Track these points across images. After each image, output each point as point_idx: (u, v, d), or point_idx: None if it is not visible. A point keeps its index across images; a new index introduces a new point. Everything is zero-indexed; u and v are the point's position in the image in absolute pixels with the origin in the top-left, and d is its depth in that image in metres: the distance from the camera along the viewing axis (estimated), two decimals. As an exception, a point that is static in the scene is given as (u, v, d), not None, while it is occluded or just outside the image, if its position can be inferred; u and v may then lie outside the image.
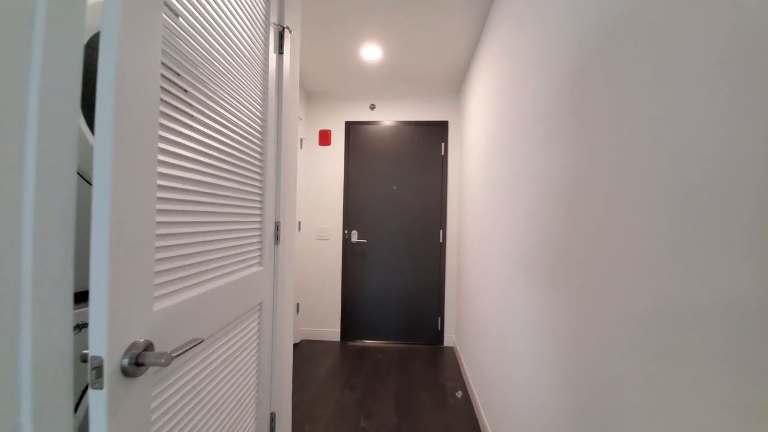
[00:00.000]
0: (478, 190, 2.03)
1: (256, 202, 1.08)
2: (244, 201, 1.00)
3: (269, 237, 1.17)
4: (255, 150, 1.05)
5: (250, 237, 1.05)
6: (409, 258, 2.89)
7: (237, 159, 0.94)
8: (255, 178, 1.05)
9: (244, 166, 0.98)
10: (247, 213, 1.03)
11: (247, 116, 1.00)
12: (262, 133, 1.10)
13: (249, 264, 1.05)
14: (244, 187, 0.99)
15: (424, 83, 2.71)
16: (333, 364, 2.48)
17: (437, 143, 2.88)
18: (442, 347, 2.85)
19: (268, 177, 1.14)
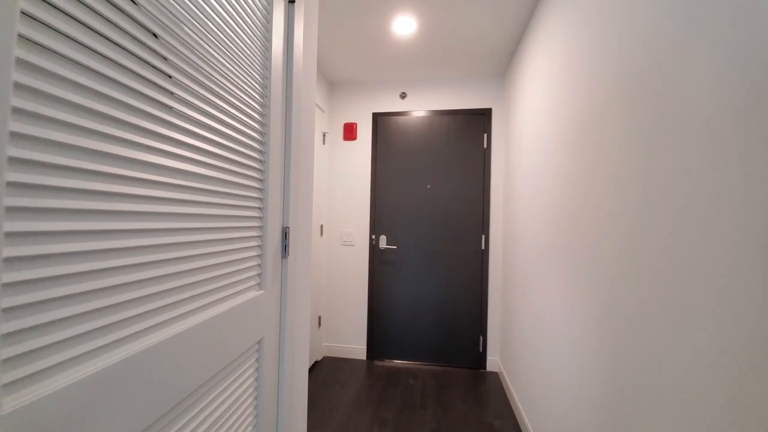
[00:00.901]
0: (531, 190, 1.63)
1: (253, 203, 0.77)
2: (232, 199, 0.69)
3: (273, 249, 0.85)
4: (251, 135, 0.74)
5: (244, 250, 0.74)
6: (445, 267, 2.51)
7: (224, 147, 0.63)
8: (251, 174, 0.74)
9: (232, 158, 0.67)
10: (239, 216, 0.72)
11: (236, 94, 0.69)
12: (263, 115, 0.80)
13: (241, 288, 0.74)
14: (233, 179, 0.68)
15: (463, 65, 2.34)
16: (358, 389, 2.15)
17: (478, 135, 2.49)
18: (485, 372, 2.44)
19: (272, 171, 0.83)
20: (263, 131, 0.81)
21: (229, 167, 0.68)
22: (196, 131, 0.58)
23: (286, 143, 0.91)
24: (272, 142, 0.83)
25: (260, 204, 0.80)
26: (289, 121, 0.91)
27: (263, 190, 0.81)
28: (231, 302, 0.71)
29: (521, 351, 1.83)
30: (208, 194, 0.62)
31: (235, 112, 0.69)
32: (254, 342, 0.79)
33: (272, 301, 0.86)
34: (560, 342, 1.24)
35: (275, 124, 0.84)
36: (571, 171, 1.21)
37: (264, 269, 0.81)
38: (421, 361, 2.55)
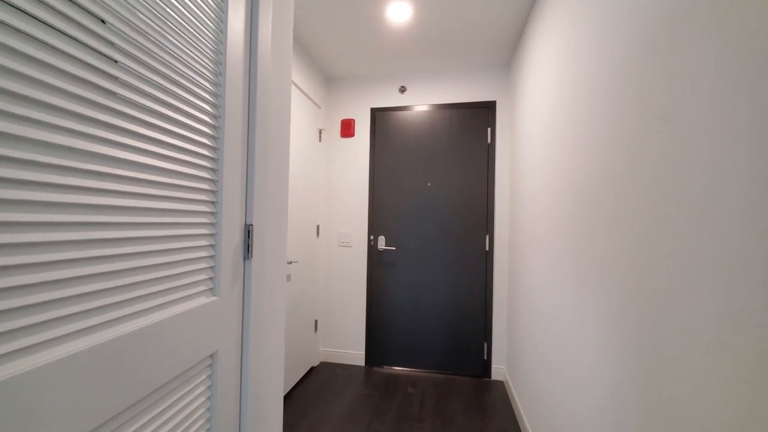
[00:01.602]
0: (539, 187, 1.49)
1: (200, 196, 0.66)
2: (172, 190, 0.59)
3: (232, 249, 0.75)
4: (199, 118, 0.64)
5: (189, 250, 0.64)
6: (447, 269, 2.38)
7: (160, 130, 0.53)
8: (198, 163, 0.64)
9: (171, 142, 0.56)
10: (182, 211, 0.62)
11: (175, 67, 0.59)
12: (215, 95, 0.69)
13: (185, 295, 0.63)
14: (172, 167, 0.58)
15: (465, 55, 2.21)
16: (353, 398, 2.04)
17: (482, 129, 2.35)
18: (489, 381, 2.30)
19: (229, 161, 0.73)
20: (217, 114, 0.70)
21: (167, 153, 0.57)
22: (122, 110, 0.47)
23: (250, 129, 0.80)
24: (229, 128, 0.72)
25: (213, 198, 0.70)
26: (254, 102, 0.80)
27: (217, 182, 0.70)
28: (170, 310, 0.60)
29: (529, 361, 1.69)
30: (136, 183, 0.52)
31: (175, 89, 0.58)
32: (204, 356, 0.68)
33: (230, 310, 0.75)
34: (576, 359, 1.10)
35: (233, 106, 0.74)
36: (582, 166, 1.07)
37: (218, 273, 0.71)
38: (422, 369, 2.42)
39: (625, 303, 0.77)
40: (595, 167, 0.96)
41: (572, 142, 1.14)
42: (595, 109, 0.97)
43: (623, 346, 0.78)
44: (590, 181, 0.99)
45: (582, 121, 1.06)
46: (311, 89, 2.32)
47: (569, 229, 1.15)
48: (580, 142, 1.07)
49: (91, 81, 0.45)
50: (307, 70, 2.26)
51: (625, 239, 0.78)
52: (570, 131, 1.16)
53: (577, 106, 1.10)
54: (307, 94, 2.25)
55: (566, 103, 1.21)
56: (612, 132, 0.86)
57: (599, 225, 0.92)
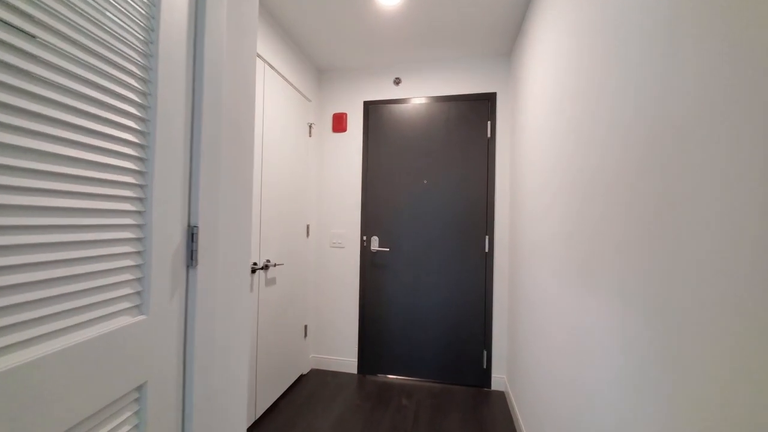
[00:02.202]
0: (542, 184, 1.35)
1: (122, 191, 0.53)
2: (80, 184, 0.46)
3: (168, 256, 0.62)
4: (121, 95, 0.50)
5: (106, 259, 0.51)
6: (444, 272, 2.24)
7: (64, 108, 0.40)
8: (120, 150, 0.50)
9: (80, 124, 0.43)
10: (94, 210, 0.49)
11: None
12: (145, 55, 0.56)
13: (99, 315, 0.50)
14: (80, 154, 0.45)
15: (463, 43, 2.06)
16: (343, 410, 1.91)
17: (481, 123, 2.21)
18: (489, 391, 2.16)
19: (163, 142, 0.60)
20: (146, 91, 0.57)
21: (67, 135, 0.44)
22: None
23: (195, 111, 0.67)
24: (163, 108, 0.59)
25: (139, 193, 0.56)
26: (200, 76, 0.67)
27: (145, 173, 0.57)
28: (78, 335, 0.47)
29: (533, 372, 1.55)
30: (28, 174, 0.39)
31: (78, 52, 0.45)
32: (129, 389, 0.55)
33: (165, 330, 0.62)
34: (589, 372, 0.96)
35: (169, 79, 0.60)
36: (591, 160, 0.93)
37: (148, 286, 0.58)
38: (418, 377, 2.29)
39: (647, 310, 0.63)
40: (607, 161, 0.82)
41: (580, 135, 1.00)
42: (606, 96, 0.83)
43: (647, 359, 0.64)
44: (602, 176, 0.85)
45: (591, 110, 0.92)
46: (300, 81, 2.18)
47: (577, 229, 1.01)
48: (589, 134, 0.93)
49: None
50: (296, 61, 2.13)
51: (647, 240, 0.64)
52: (577, 122, 1.02)
53: (586, 95, 0.96)
54: (296, 86, 2.12)
55: (572, 92, 1.06)
56: (628, 121, 0.72)
57: (612, 224, 0.78)
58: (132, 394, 0.56)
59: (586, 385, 0.91)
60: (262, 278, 1.81)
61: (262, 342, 1.81)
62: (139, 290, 0.57)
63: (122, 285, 0.54)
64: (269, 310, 1.88)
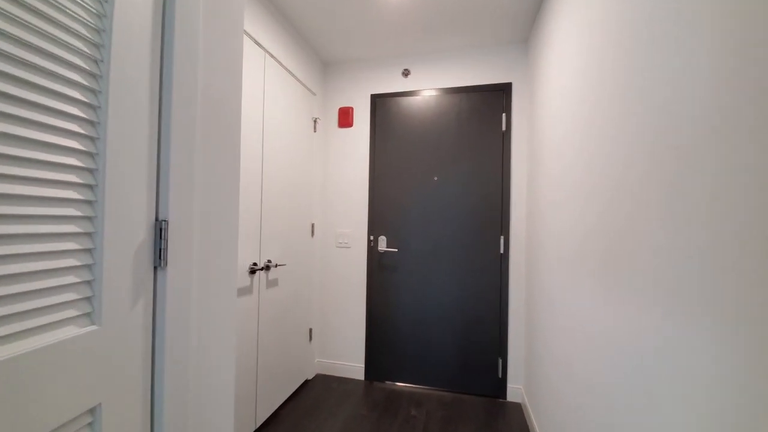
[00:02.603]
0: (564, 180, 1.22)
1: (64, 174, 0.44)
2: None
3: (129, 254, 0.52)
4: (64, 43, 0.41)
5: (41, 256, 0.41)
6: (456, 275, 2.11)
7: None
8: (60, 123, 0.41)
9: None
10: (25, 196, 0.39)
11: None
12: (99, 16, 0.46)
13: (33, 326, 0.41)
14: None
15: (475, 30, 1.94)
16: (347, 419, 1.80)
17: (495, 115, 2.07)
18: (504, 402, 2.02)
19: (118, 114, 0.50)
20: (98, 57, 0.47)
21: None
22: None
23: (164, 80, 0.57)
24: (120, 77, 0.49)
25: (88, 179, 0.47)
26: (170, 44, 0.57)
27: (96, 155, 0.48)
28: (7, 349, 0.38)
29: (555, 386, 1.41)
30: None
31: None
32: (76, 414, 0.45)
33: (125, 342, 0.52)
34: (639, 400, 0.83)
35: (129, 41, 0.51)
36: (619, 153, 0.80)
37: (100, 290, 0.48)
38: (428, 386, 2.16)
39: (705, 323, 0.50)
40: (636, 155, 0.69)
41: (607, 127, 0.86)
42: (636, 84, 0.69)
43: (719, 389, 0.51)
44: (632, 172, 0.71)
45: (620, 99, 0.78)
46: (304, 74, 2.09)
47: (605, 228, 0.88)
48: (618, 126, 0.79)
49: None
50: (300, 52, 2.04)
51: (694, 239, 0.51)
52: (602, 113, 0.89)
53: (613, 82, 0.82)
54: (300, 79, 2.03)
55: (597, 80, 0.93)
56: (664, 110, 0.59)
57: (649, 223, 0.65)
58: (83, 417, 0.47)
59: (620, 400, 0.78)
60: (263, 279, 1.72)
61: (263, 346, 1.72)
62: (89, 295, 0.47)
63: (64, 289, 0.45)
64: (271, 313, 1.79)
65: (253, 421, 1.65)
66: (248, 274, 1.60)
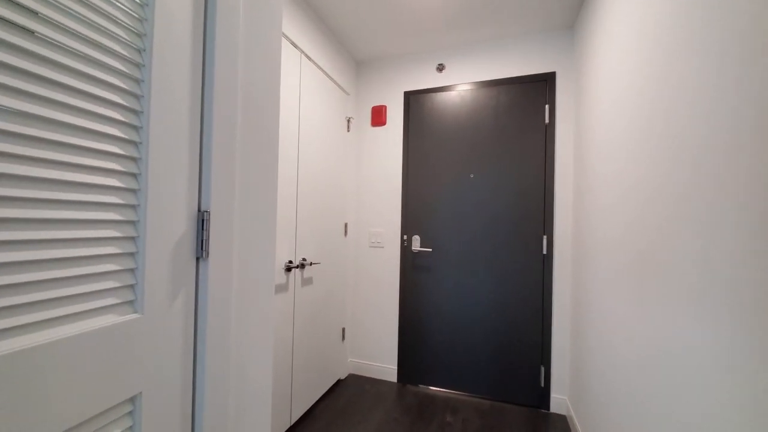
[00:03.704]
0: (618, 177, 1.09)
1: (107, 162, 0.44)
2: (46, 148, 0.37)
3: (170, 243, 0.52)
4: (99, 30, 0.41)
5: (82, 243, 0.42)
6: (494, 277, 2.01)
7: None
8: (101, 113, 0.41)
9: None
10: (70, 182, 0.40)
11: None
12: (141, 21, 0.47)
13: (78, 310, 0.41)
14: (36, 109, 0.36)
15: (514, 18, 1.83)
16: (380, 422, 1.76)
17: (537, 107, 1.95)
18: (548, 414, 1.88)
19: (157, 102, 0.50)
20: (141, 47, 0.48)
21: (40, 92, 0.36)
22: None
23: (206, 73, 0.57)
24: (162, 68, 0.50)
25: (132, 167, 0.47)
26: (211, 33, 0.57)
27: (139, 144, 0.48)
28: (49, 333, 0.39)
29: (605, 398, 1.28)
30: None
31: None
32: (117, 402, 0.45)
33: (166, 332, 0.52)
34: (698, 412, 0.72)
35: (172, 38, 0.51)
36: (687, 156, 0.69)
37: (141, 279, 0.48)
38: (464, 392, 2.07)
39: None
40: (706, 156, 0.58)
41: (670, 123, 0.75)
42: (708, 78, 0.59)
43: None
44: (701, 173, 0.61)
45: (689, 94, 0.68)
46: (339, 74, 2.10)
47: (665, 236, 0.77)
48: (686, 122, 0.69)
49: None
50: (334, 52, 2.05)
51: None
52: (665, 109, 0.78)
53: (679, 75, 0.71)
54: (334, 79, 2.04)
55: (661, 71, 0.82)
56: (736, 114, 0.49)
57: (721, 231, 0.55)
58: (122, 407, 0.47)
59: (681, 421, 0.67)
60: (299, 277, 1.74)
61: (298, 342, 1.74)
62: (131, 283, 0.48)
63: (107, 276, 0.45)
64: (306, 310, 1.80)
65: (288, 417, 1.66)
66: (284, 272, 1.62)
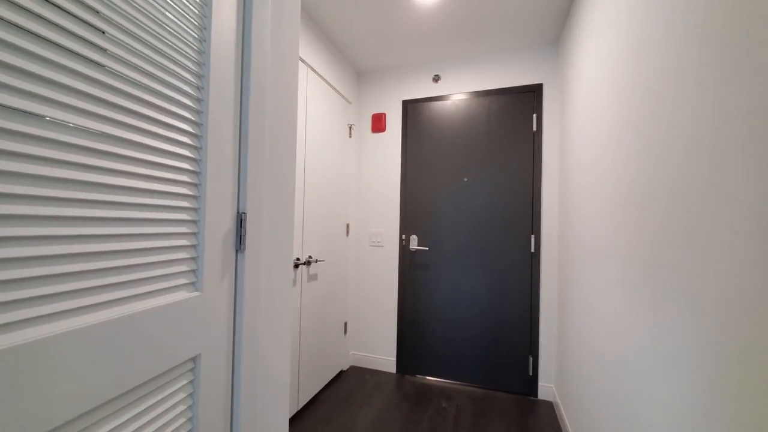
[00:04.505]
0: (598, 179, 1.25)
1: (180, 176, 0.58)
2: (141, 166, 0.51)
3: (219, 239, 0.66)
4: (178, 87, 0.55)
5: (162, 237, 0.56)
6: (486, 273, 2.15)
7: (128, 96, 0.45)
8: (176, 138, 0.56)
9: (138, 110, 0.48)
10: (157, 191, 0.54)
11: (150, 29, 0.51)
12: (199, 64, 0.61)
13: (161, 287, 0.55)
14: (137, 138, 0.50)
15: (504, 35, 1.99)
16: (381, 407, 1.90)
17: (526, 116, 2.10)
18: (536, 401, 2.03)
19: (212, 131, 0.64)
20: (200, 85, 0.62)
21: (129, 120, 0.50)
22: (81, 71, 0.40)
23: (243, 104, 0.71)
24: (215, 100, 0.64)
25: (195, 179, 0.61)
26: (247, 74, 0.71)
27: (199, 161, 0.62)
28: (144, 303, 0.53)
29: (585, 383, 1.43)
30: (107, 157, 0.44)
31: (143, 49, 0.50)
32: (185, 359, 0.60)
33: (217, 308, 0.66)
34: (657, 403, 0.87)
35: (221, 80, 0.65)
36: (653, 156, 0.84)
37: (201, 265, 0.62)
38: (459, 381, 2.22)
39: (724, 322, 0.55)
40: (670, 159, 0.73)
41: (640, 127, 0.91)
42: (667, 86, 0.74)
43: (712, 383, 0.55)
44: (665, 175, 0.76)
45: (652, 99, 0.83)
46: (341, 84, 2.25)
47: (640, 232, 0.92)
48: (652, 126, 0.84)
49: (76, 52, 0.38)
50: (337, 64, 2.20)
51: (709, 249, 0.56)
52: (637, 113, 0.93)
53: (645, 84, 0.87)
54: (337, 89, 2.19)
55: (630, 80, 0.97)
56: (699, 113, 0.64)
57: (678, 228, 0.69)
58: (187, 364, 0.61)
59: (639, 411, 0.82)
60: (305, 273, 1.88)
61: (305, 336, 1.87)
62: (194, 268, 0.62)
63: (179, 262, 0.59)
64: (311, 305, 1.94)
65: (296, 403, 1.80)
66: (293, 268, 1.76)
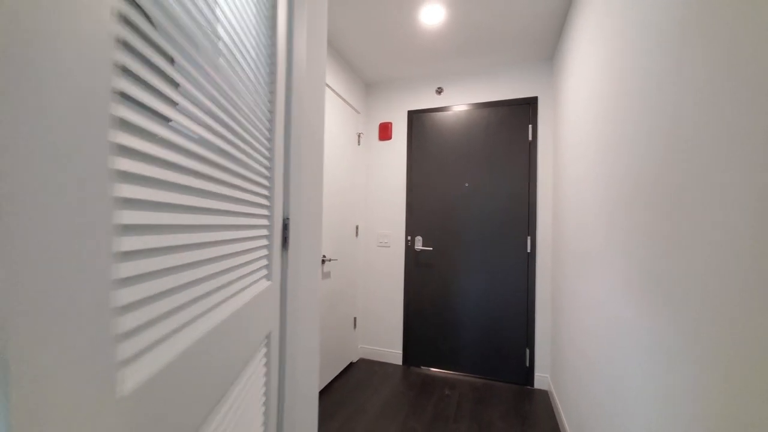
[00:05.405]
0: (589, 184, 1.42)
1: (261, 190, 0.75)
2: (245, 192, 0.68)
3: (277, 240, 0.83)
4: (259, 129, 0.73)
5: (256, 239, 0.73)
6: (486, 272, 2.33)
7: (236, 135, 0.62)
8: (260, 161, 0.73)
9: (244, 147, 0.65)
10: (253, 203, 0.71)
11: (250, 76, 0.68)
12: (270, 112, 0.78)
13: (255, 279, 0.72)
14: (245, 172, 0.68)
15: (503, 52, 2.16)
16: (389, 395, 2.08)
17: (522, 126, 2.28)
18: (532, 390, 2.20)
19: (276, 158, 0.82)
20: (270, 127, 0.79)
21: (246, 163, 0.67)
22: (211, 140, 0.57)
23: (286, 133, 0.89)
24: (277, 136, 0.81)
25: (268, 192, 0.79)
26: (289, 109, 0.89)
27: (270, 178, 0.79)
28: (249, 293, 0.69)
29: (577, 373, 1.60)
30: (235, 189, 0.61)
31: (245, 114, 0.67)
32: (264, 335, 0.77)
33: (278, 294, 0.83)
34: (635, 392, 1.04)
35: (279, 122, 0.83)
36: (632, 165, 1.02)
37: (271, 260, 0.80)
38: (460, 372, 2.39)
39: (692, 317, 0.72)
40: (647, 165, 0.91)
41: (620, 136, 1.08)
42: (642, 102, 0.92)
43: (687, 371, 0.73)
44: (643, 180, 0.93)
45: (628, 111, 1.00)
46: (350, 95, 2.42)
47: (622, 233, 1.09)
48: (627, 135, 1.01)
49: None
50: (347, 77, 2.37)
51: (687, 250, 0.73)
52: (615, 125, 1.10)
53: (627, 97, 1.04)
54: (346, 100, 2.36)
55: (610, 95, 1.15)
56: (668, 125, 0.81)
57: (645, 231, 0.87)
58: (264, 339, 0.78)
59: (622, 398, 0.99)
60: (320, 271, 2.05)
61: (320, 330, 2.05)
62: (267, 264, 0.79)
63: (262, 259, 0.76)
64: (324, 301, 2.12)
65: (312, 389, 1.97)
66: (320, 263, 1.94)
